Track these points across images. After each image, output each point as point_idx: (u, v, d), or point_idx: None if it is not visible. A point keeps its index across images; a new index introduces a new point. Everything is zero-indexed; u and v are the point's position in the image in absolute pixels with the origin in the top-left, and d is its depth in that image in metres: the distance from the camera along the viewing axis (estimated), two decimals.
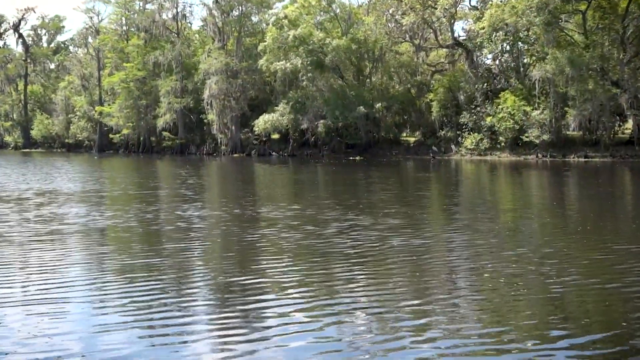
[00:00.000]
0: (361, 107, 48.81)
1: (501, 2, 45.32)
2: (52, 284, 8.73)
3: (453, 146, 47.96)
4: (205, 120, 59.17)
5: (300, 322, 6.94)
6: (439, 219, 15.84)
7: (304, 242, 11.97)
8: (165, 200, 20.64)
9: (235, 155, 56.28)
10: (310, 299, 7.90)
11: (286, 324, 6.91)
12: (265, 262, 10.26)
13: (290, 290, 8.33)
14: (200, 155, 58.74)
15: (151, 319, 7.08)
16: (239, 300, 7.86)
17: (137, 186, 26.40)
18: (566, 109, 42.38)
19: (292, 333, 6.58)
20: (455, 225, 14.08)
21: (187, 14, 68.20)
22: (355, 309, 7.39)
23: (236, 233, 13.36)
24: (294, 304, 7.67)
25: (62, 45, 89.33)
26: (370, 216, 15.11)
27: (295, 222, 14.52)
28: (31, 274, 9.39)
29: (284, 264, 9.99)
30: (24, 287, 8.63)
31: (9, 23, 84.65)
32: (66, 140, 76.77)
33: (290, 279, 9.04)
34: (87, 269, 9.89)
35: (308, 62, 50.95)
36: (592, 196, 21.39)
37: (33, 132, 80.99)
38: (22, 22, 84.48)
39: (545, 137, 42.36)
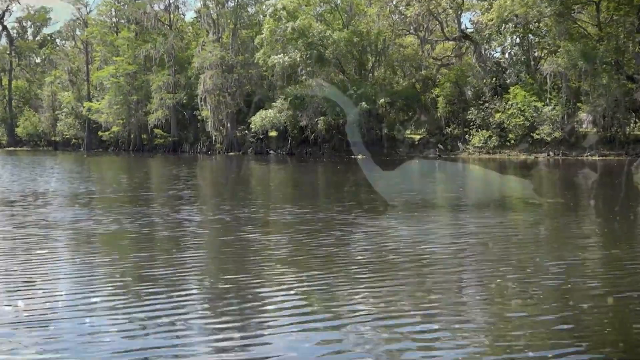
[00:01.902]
0: (363, 102, 47.72)
1: None
2: (43, 297, 8.10)
3: (460, 144, 47.19)
4: (199, 117, 58.34)
5: (306, 345, 6.53)
6: (450, 224, 15.13)
7: (323, 250, 11.16)
8: (163, 202, 19.49)
9: (231, 153, 55.44)
10: (320, 313, 7.50)
11: (289, 338, 6.68)
12: (271, 270, 9.84)
13: (295, 302, 7.97)
14: (194, 154, 58.25)
15: (146, 340, 6.62)
16: (240, 312, 7.52)
17: (132, 187, 25.39)
18: (579, 104, 41.77)
19: (294, 348, 6.37)
20: (466, 230, 13.62)
21: (180, 5, 67.59)
22: (360, 321, 7.12)
23: (246, 239, 12.43)
24: (300, 322, 7.16)
25: (49, 38, 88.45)
26: (380, 220, 14.76)
27: (305, 226, 13.84)
28: (18, 289, 8.57)
29: (292, 274, 9.48)
30: (9, 303, 7.84)
31: None
32: (53, 138, 75.85)
33: (298, 290, 8.53)
34: (81, 281, 9.14)
35: (307, 56, 49.88)
36: (610, 197, 20.68)
37: (18, 130, 79.78)
38: (6, 14, 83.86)
39: (557, 134, 41.64)
